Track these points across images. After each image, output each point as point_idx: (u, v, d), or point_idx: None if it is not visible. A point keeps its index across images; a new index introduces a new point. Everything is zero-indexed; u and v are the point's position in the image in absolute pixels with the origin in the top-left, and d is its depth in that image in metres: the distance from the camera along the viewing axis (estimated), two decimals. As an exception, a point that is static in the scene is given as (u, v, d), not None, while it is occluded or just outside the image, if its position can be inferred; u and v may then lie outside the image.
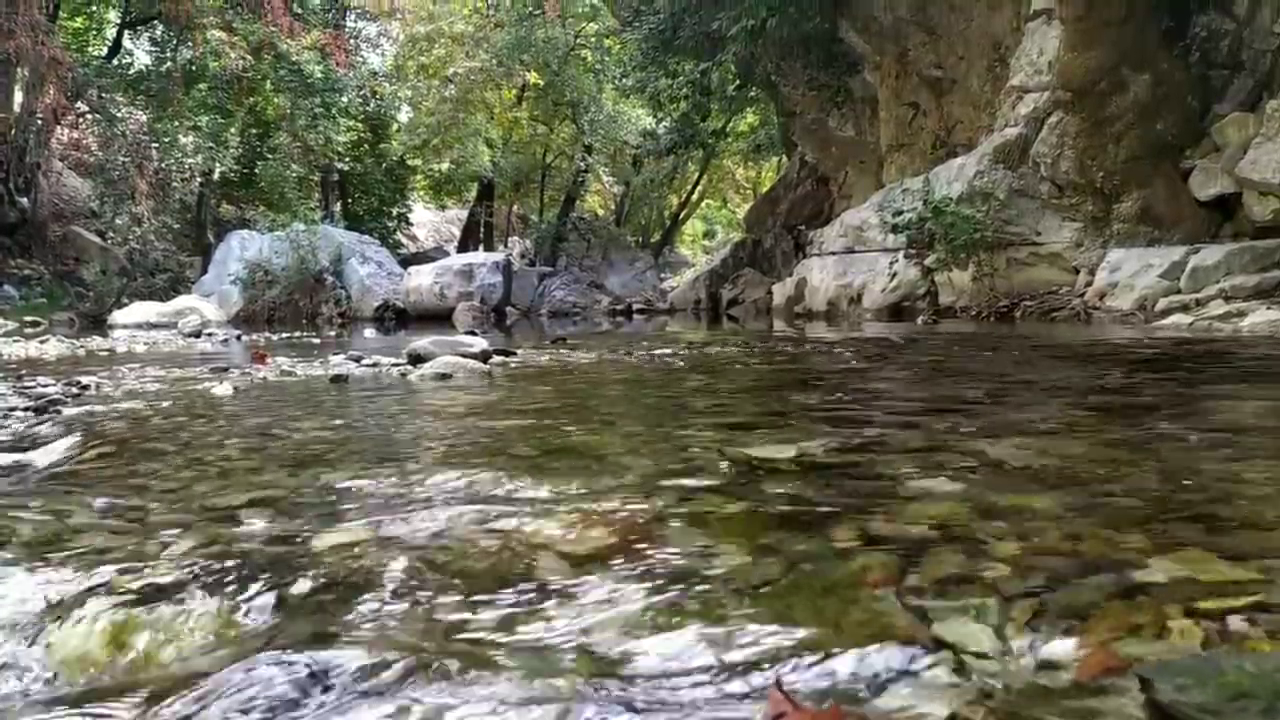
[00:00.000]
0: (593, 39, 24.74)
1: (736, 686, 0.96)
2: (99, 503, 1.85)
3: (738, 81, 20.11)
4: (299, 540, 1.53)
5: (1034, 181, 12.42)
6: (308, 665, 1.00)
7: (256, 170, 22.59)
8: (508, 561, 1.38)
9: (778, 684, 0.95)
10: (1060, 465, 2.06)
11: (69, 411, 3.42)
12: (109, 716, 0.96)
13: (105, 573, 1.36)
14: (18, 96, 19.14)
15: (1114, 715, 0.88)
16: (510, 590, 1.26)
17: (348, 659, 1.02)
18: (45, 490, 2.03)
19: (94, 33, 24.45)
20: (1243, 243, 10.27)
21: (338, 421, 3.23)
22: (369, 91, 25.19)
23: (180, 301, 18.20)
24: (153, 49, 23.69)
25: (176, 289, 20.73)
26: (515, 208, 32.00)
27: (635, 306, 21.65)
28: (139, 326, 15.51)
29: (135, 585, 1.30)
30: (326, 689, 0.96)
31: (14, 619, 1.21)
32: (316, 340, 10.65)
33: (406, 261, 23.13)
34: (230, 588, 1.28)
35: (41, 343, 9.23)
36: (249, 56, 20.20)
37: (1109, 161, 11.66)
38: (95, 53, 22.77)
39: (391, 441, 2.69)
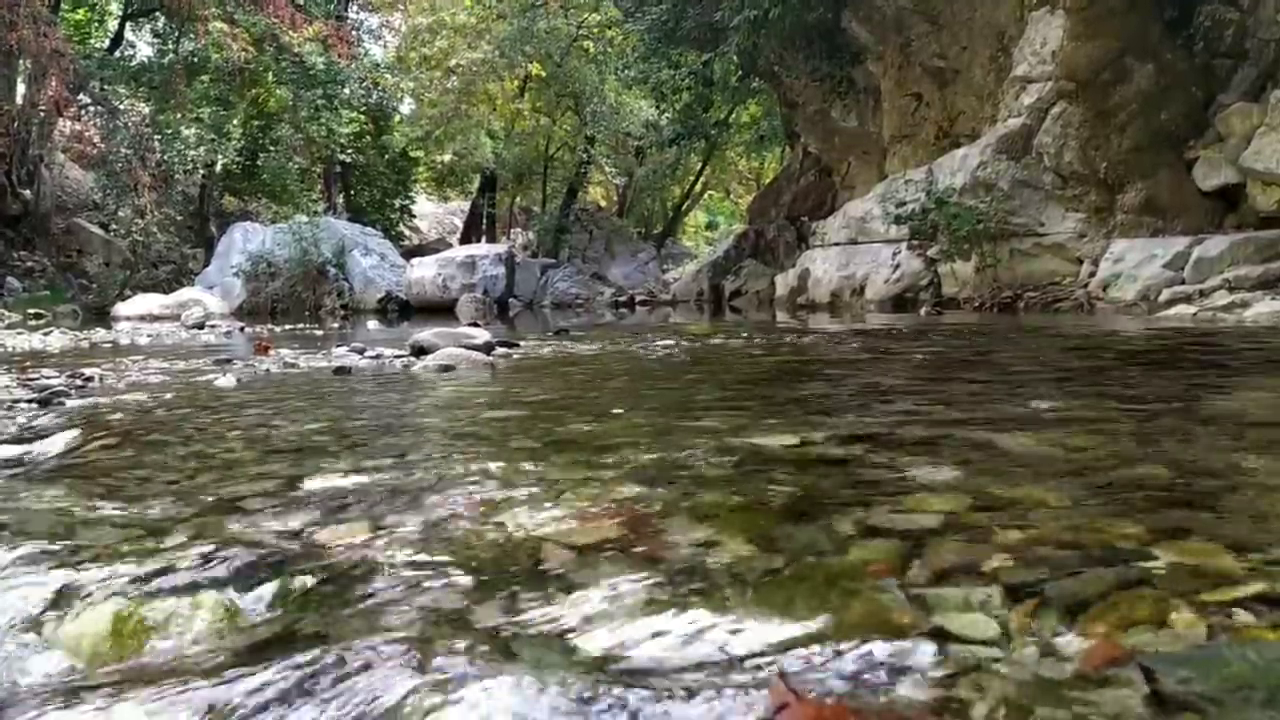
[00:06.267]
0: (595, 30, 24.65)
1: (739, 678, 0.96)
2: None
3: (740, 72, 20.05)
4: (302, 531, 1.53)
5: (1037, 172, 12.38)
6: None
7: (259, 162, 22.60)
8: (511, 552, 1.39)
9: (780, 675, 0.95)
10: (1063, 455, 2.05)
11: (73, 403, 3.43)
12: (112, 706, 0.96)
13: (109, 563, 1.36)
14: (20, 89, 19.13)
15: (1117, 706, 0.87)
16: (514, 581, 1.26)
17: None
18: (49, 482, 2.04)
19: (96, 25, 24.49)
20: (1246, 233, 10.24)
21: (341, 413, 3.24)
22: (371, 83, 25.15)
23: (183, 293, 18.24)
24: (155, 41, 23.74)
25: (179, 281, 20.78)
26: (518, 200, 31.99)
27: (638, 298, 21.62)
28: (142, 318, 15.55)
29: (139, 576, 1.30)
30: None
31: (19, 610, 1.21)
32: (319, 332, 10.65)
33: (409, 253, 23.14)
34: (234, 578, 1.29)
35: (45, 335, 9.25)
36: (251, 48, 20.19)
37: (1112, 152, 11.63)
38: (97, 45, 22.80)
39: (395, 433, 2.69)
